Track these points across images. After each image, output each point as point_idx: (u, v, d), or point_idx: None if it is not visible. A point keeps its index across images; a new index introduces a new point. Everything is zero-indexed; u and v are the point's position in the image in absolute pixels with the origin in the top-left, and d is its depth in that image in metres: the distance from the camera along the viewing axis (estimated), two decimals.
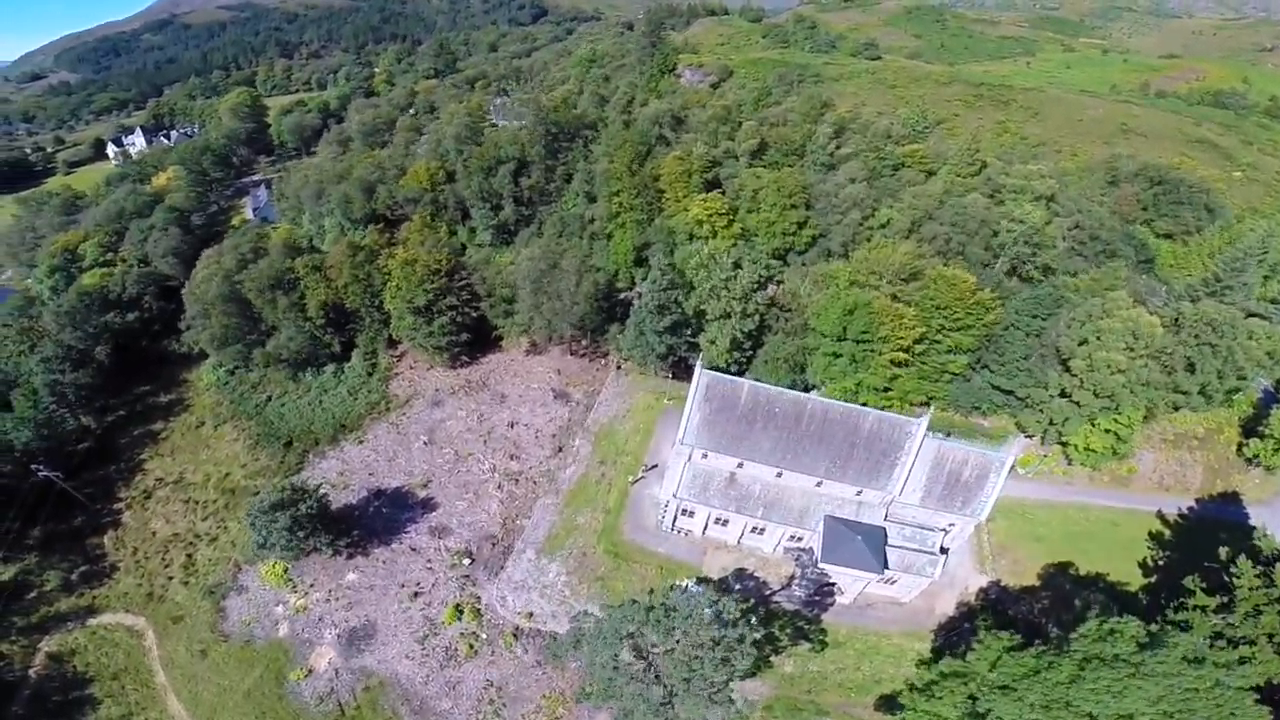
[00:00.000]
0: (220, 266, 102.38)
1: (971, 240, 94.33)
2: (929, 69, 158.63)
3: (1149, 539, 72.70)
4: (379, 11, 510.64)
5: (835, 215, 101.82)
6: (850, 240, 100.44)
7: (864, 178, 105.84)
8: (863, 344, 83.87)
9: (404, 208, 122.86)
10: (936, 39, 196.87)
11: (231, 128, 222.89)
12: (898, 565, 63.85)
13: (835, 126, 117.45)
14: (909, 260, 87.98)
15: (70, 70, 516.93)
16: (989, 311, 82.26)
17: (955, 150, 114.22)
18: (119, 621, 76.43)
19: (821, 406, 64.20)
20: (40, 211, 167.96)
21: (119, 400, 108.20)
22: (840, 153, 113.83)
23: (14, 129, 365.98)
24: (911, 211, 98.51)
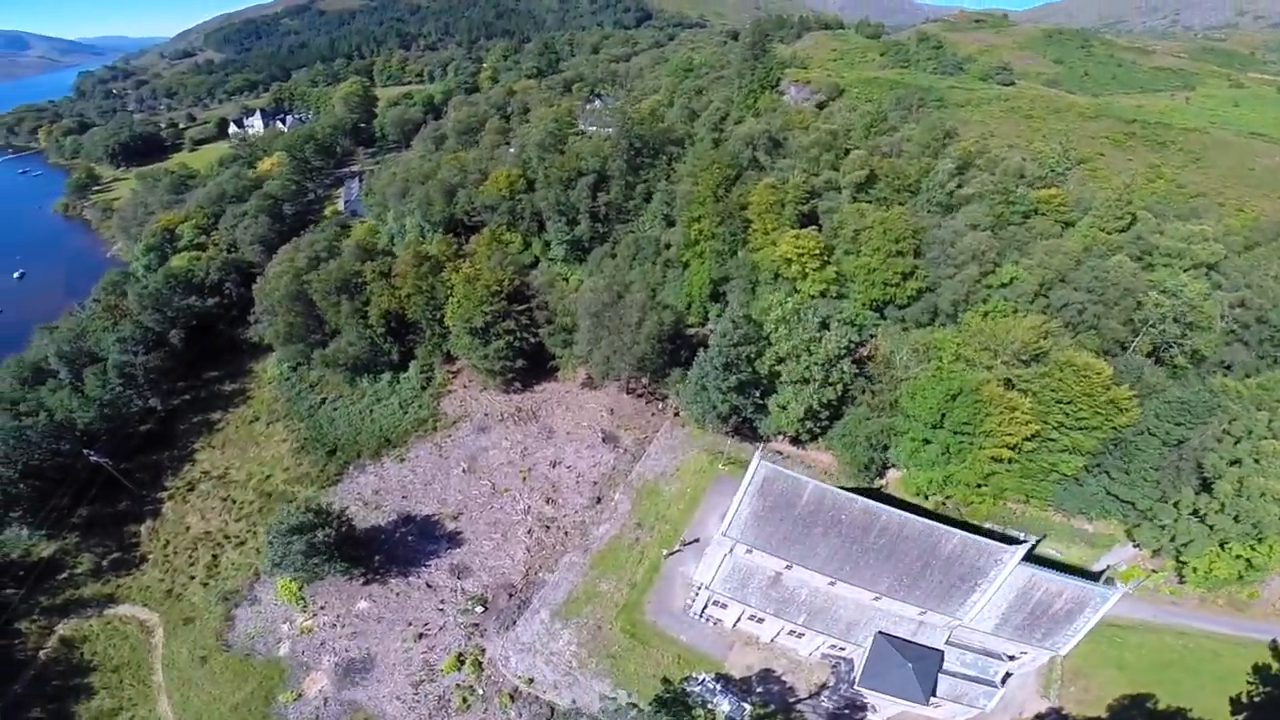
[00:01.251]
0: (292, 264, 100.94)
1: (1109, 311, 79.14)
2: (1071, 99, 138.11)
3: (1252, 673, 61.58)
4: (494, 7, 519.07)
5: (949, 268, 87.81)
6: (963, 299, 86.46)
7: (988, 225, 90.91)
8: (961, 434, 71.40)
9: (481, 215, 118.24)
10: (1079, 66, 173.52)
11: (340, 117, 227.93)
12: (947, 694, 55.43)
13: (958, 161, 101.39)
14: (1033, 338, 74.16)
15: (217, 50, 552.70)
16: (1122, 413, 67.99)
17: (1100, 198, 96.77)
18: (134, 615, 76.32)
19: (897, 520, 54.66)
20: (154, 188, 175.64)
21: (187, 384, 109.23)
22: (962, 192, 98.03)
23: (157, 103, 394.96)
24: (1041, 271, 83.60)
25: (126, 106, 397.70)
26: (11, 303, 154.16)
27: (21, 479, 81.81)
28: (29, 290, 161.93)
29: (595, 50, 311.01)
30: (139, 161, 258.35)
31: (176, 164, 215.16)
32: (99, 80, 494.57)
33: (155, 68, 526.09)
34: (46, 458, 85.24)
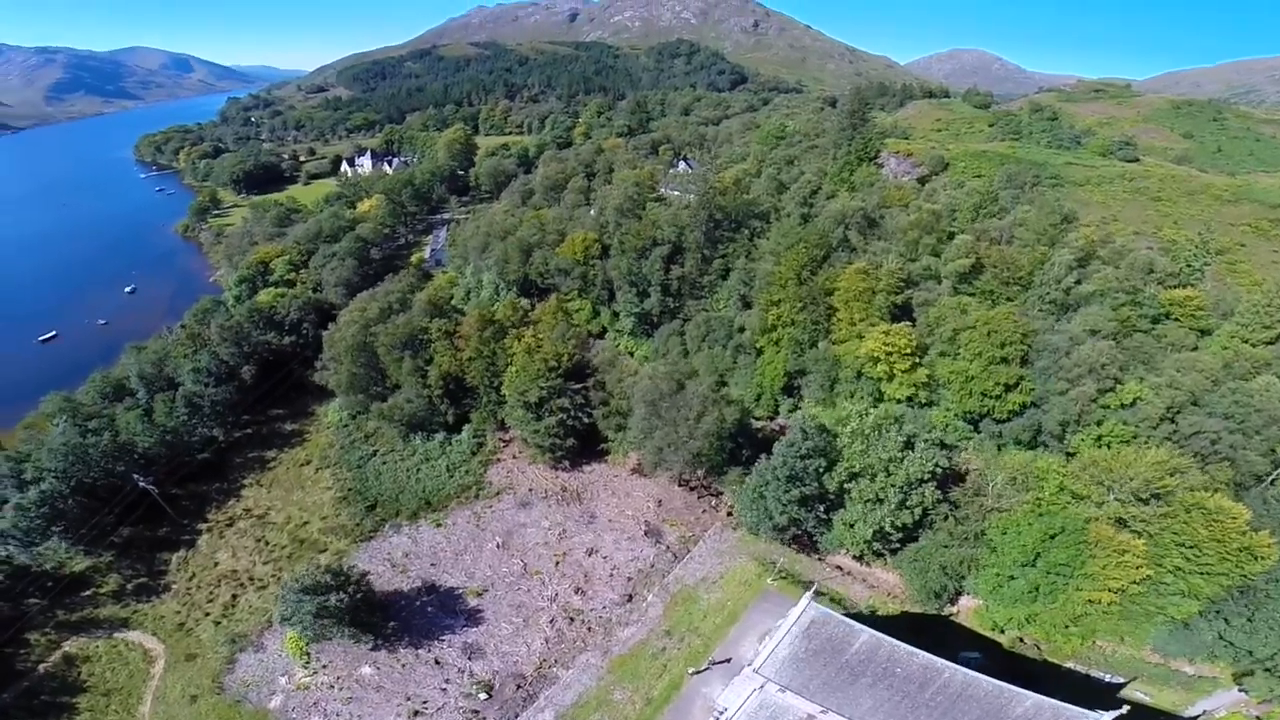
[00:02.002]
0: (362, 315, 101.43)
1: (1249, 442, 66.74)
2: (1205, 179, 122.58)
3: None
4: (594, 62, 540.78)
5: (1060, 381, 76.62)
6: (1075, 420, 75.08)
7: (1111, 331, 78.76)
8: (1056, 574, 61.57)
9: (554, 278, 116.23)
10: (1212, 141, 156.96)
11: (441, 163, 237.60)
12: None
13: (1079, 253, 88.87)
14: (1157, 475, 62.83)
15: (346, 87, 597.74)
16: (1257, 560, 57.32)
17: (1244, 303, 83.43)
18: (141, 642, 75.18)
19: (961, 679, 47.60)
20: (261, 218, 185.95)
21: (251, 418, 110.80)
22: (1081, 290, 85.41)
23: (287, 134, 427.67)
24: (1171, 392, 71.63)
25: (259, 135, 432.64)
26: (119, 316, 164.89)
27: (71, 494, 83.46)
28: (136, 305, 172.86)
29: (686, 112, 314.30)
30: (258, 190, 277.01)
31: (286, 197, 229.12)
32: (242, 107, 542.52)
33: (291, 99, 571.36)
34: (100, 477, 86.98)
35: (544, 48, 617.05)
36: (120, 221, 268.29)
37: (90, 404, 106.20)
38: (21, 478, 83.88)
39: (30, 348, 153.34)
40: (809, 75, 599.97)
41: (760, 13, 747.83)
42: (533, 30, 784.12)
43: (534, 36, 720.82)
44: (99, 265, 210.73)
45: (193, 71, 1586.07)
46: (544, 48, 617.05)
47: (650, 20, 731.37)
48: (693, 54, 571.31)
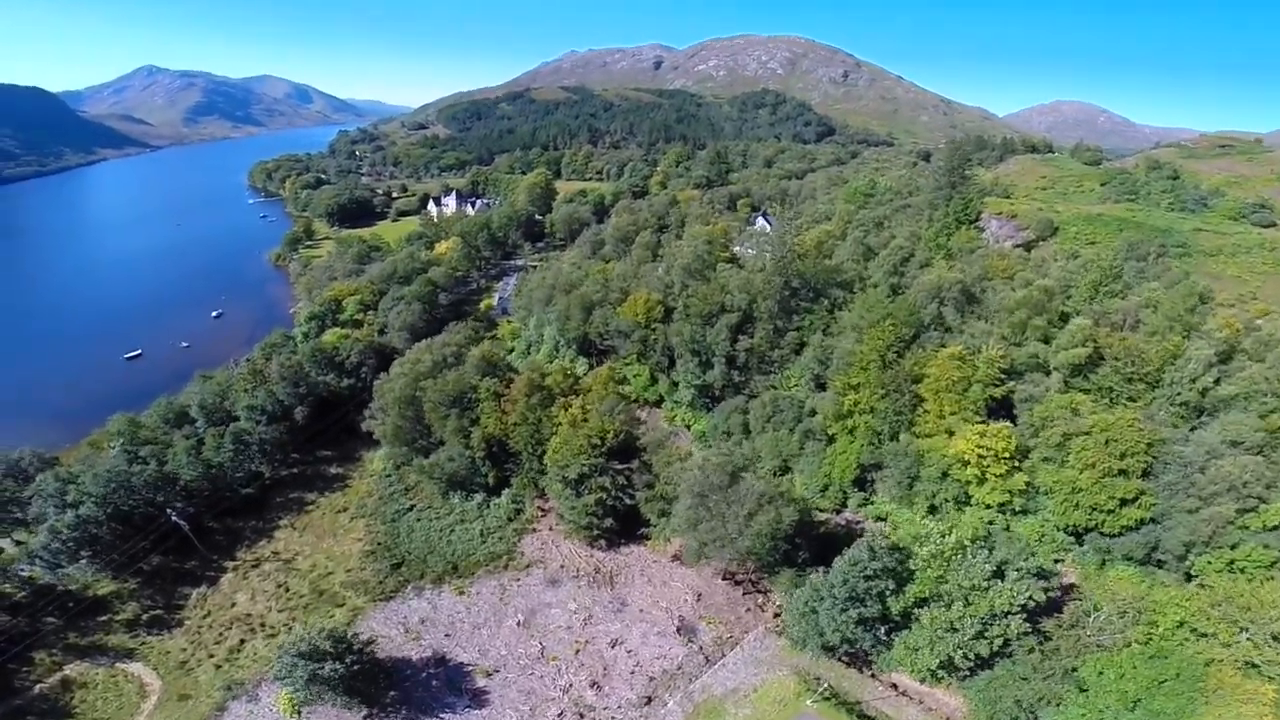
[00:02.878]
0: (414, 367, 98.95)
1: None
2: None
3: None
4: (676, 110, 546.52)
5: (1189, 498, 64.50)
6: (1204, 543, 62.91)
7: (1257, 443, 65.30)
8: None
9: (613, 340, 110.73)
10: None
11: (519, 208, 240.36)
12: None
13: (1221, 346, 74.79)
14: None
15: (445, 125, 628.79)
16: None
17: None
18: (140, 675, 74.27)
19: None
20: (344, 254, 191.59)
21: (300, 456, 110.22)
22: (1220, 391, 71.72)
23: (385, 169, 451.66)
24: None
25: (360, 168, 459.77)
26: (201, 340, 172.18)
27: (107, 521, 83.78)
28: (220, 331, 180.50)
29: (768, 164, 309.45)
30: (350, 223, 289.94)
31: (371, 233, 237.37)
32: (349, 140, 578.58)
33: (394, 135, 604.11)
34: (139, 505, 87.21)
35: (628, 94, 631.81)
36: (222, 245, 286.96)
37: (153, 427, 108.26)
38: (65, 498, 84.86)
39: (116, 364, 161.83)
40: (900, 127, 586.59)
41: (850, 63, 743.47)
42: (619, 76, 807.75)
43: (620, 82, 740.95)
44: (194, 286, 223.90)
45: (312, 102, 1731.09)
46: (628, 94, 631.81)
47: (735, 70, 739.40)
48: (778, 104, 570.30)
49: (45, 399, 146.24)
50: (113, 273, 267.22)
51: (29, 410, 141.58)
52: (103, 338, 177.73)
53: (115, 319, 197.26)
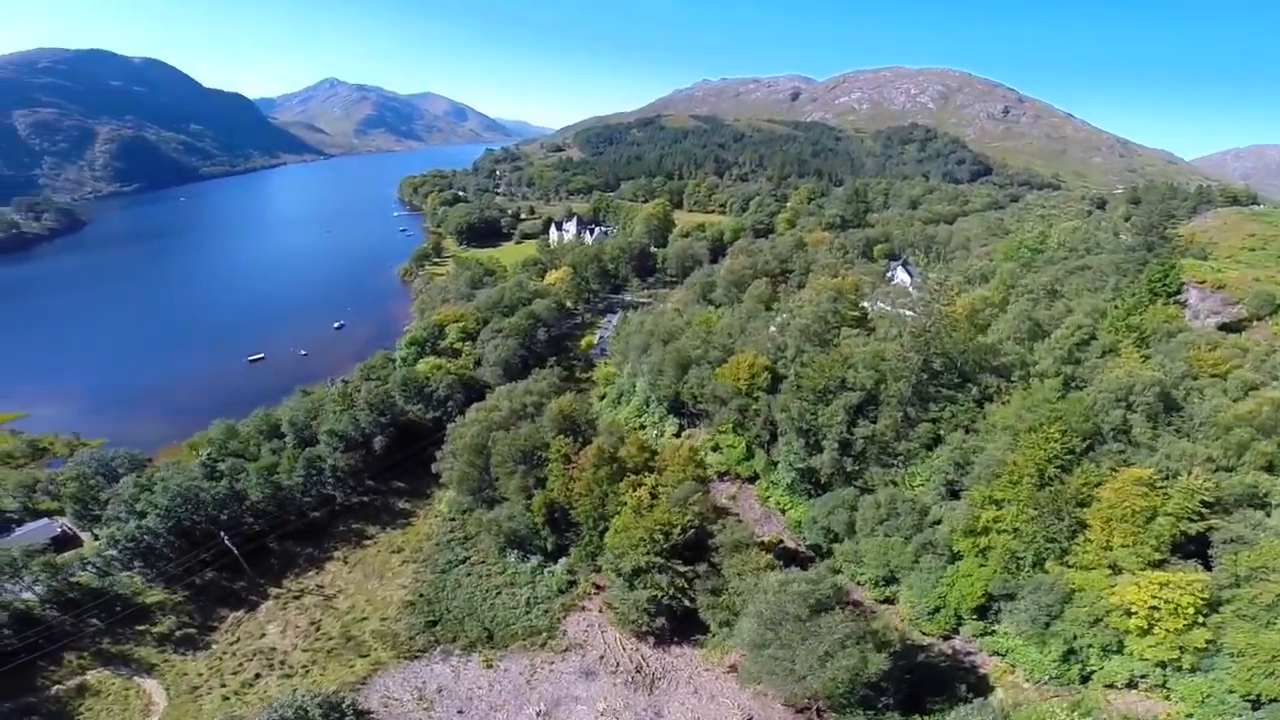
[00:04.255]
0: (488, 416, 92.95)
1: None
2: None
3: None
4: (813, 144, 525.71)
5: None
6: None
7: None
8: None
9: (706, 405, 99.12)
10: None
11: (634, 239, 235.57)
12: None
13: None
14: None
15: (580, 149, 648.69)
16: None
17: None
18: (150, 691, 73.22)
19: None
20: (459, 276, 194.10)
21: (374, 485, 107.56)
22: None
23: (519, 190, 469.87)
24: None
25: (497, 187, 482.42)
26: (319, 350, 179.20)
27: (168, 533, 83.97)
28: (337, 342, 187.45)
29: (913, 205, 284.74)
30: (478, 243, 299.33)
31: (489, 256, 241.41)
32: (493, 159, 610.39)
33: (532, 155, 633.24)
34: (201, 522, 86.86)
35: (760, 125, 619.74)
36: (360, 254, 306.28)
37: (246, 437, 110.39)
38: (135, 505, 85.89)
39: (239, 365, 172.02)
40: (1069, 169, 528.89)
41: (1011, 98, 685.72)
42: (753, 107, 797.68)
43: (753, 113, 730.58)
44: (325, 294, 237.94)
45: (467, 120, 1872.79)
46: (760, 125, 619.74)
47: (880, 103, 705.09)
48: (928, 140, 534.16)
49: (170, 393, 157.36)
50: (261, 273, 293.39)
51: (152, 403, 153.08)
52: (233, 337, 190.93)
53: (249, 319, 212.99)
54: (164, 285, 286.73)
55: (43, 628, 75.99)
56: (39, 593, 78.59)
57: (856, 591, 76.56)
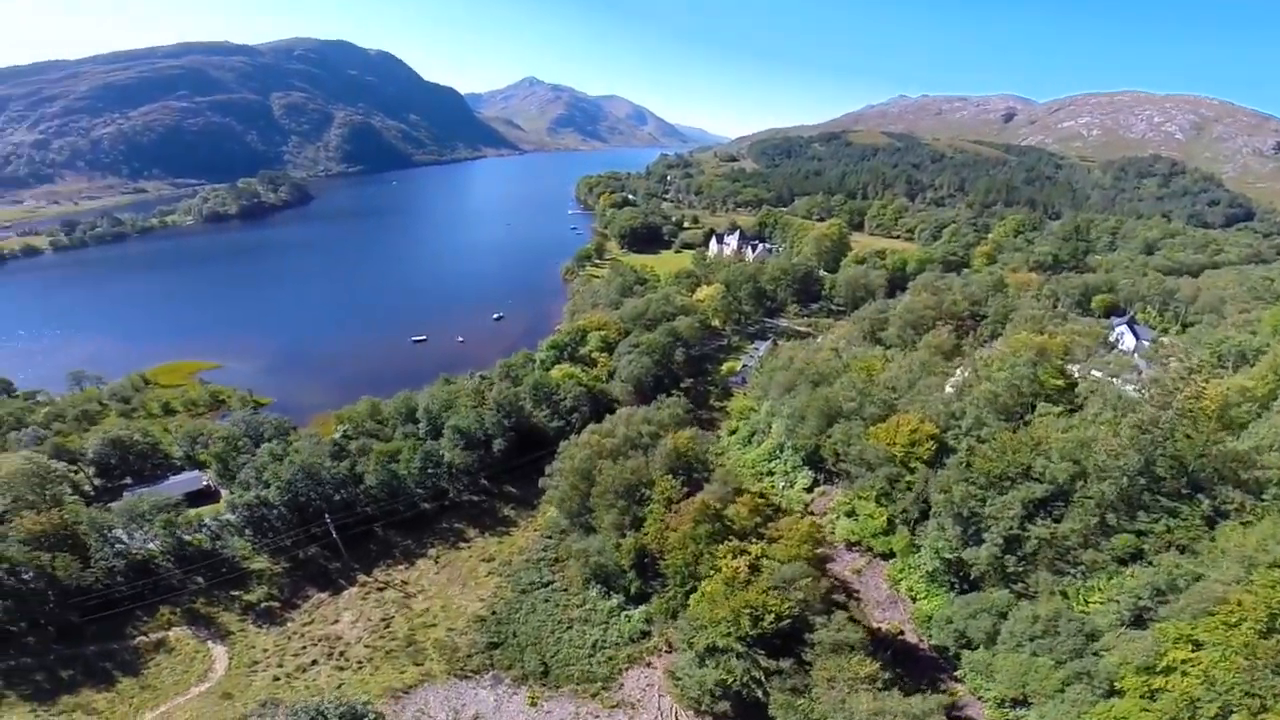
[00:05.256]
0: (599, 443, 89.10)
1: None
2: None
3: None
4: (1026, 170, 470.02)
5: None
6: None
7: None
8: None
9: (850, 465, 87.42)
10: None
11: (800, 260, 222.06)
12: None
13: None
14: None
15: (754, 160, 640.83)
16: None
17: None
18: (215, 659, 76.08)
19: None
20: (612, 281, 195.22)
21: (489, 485, 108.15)
22: None
23: (686, 197, 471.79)
24: None
25: (666, 193, 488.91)
26: (476, 338, 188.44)
27: (283, 506, 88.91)
28: (494, 333, 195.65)
29: (1148, 249, 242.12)
30: (639, 248, 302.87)
31: (643, 263, 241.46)
32: (665, 165, 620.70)
33: (704, 164, 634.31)
34: (316, 500, 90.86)
35: (964, 145, 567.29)
36: (530, 249, 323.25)
37: (387, 417, 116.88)
38: (262, 475, 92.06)
39: (404, 345, 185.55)
40: None
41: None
42: (956, 126, 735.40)
43: (957, 133, 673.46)
44: (490, 285, 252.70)
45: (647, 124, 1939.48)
46: (964, 145, 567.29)
47: (1115, 130, 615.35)
48: (1173, 175, 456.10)
49: (337, 362, 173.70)
50: (442, 258, 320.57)
51: (320, 369, 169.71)
52: (404, 317, 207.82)
53: (421, 301, 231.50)
54: (361, 260, 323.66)
55: (152, 580, 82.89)
56: (157, 546, 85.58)
57: (974, 706, 65.54)
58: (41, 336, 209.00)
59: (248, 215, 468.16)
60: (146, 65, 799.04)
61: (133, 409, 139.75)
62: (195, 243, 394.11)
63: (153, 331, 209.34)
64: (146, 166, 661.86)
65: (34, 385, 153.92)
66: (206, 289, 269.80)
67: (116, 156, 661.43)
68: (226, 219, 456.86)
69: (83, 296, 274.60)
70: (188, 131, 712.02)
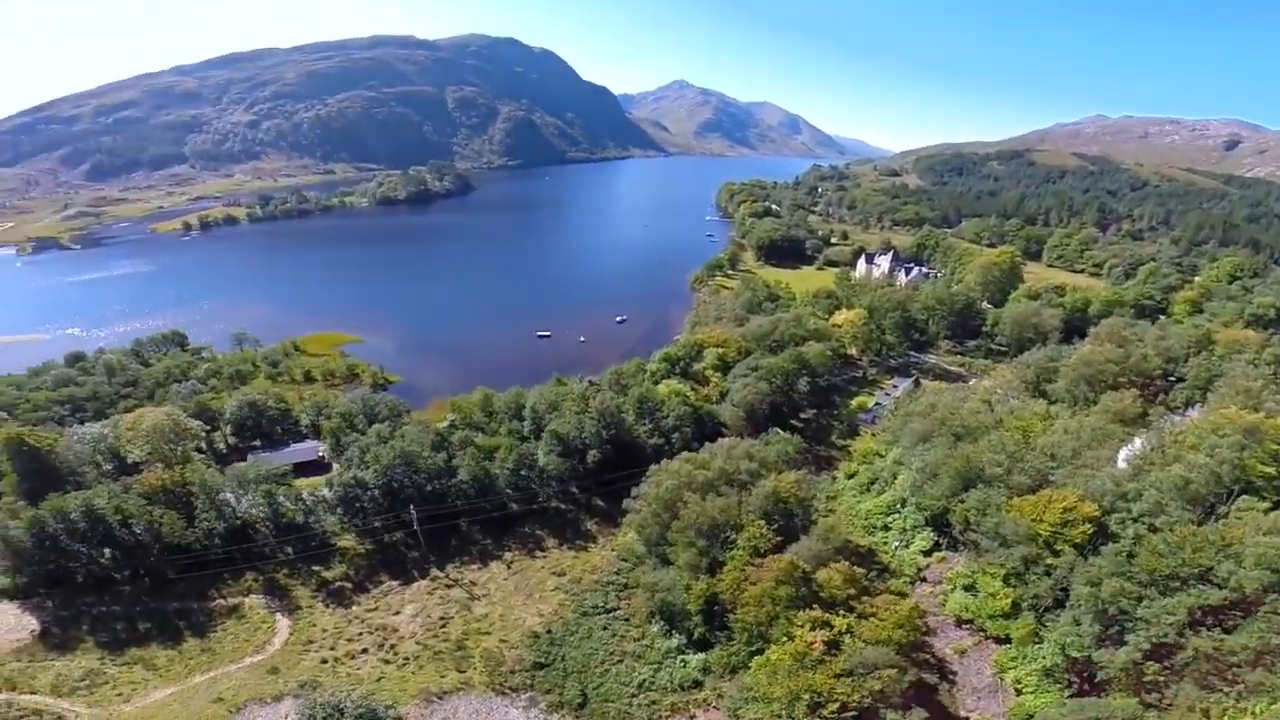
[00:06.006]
0: (689, 474, 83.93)
1: None
2: None
3: None
4: (1251, 205, 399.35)
5: None
6: None
7: None
8: None
9: (981, 536, 76.05)
10: None
11: (961, 290, 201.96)
12: None
13: None
14: None
15: (919, 176, 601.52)
16: None
17: None
18: (278, 631, 79.37)
19: None
20: (739, 295, 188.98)
21: (579, 493, 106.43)
22: None
23: (837, 212, 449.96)
24: None
25: (815, 205, 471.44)
26: (598, 339, 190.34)
27: (376, 489, 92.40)
28: (615, 335, 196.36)
29: None
30: (775, 261, 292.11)
31: (777, 278, 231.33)
32: (817, 175, 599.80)
33: (861, 177, 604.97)
34: (411, 487, 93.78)
35: (1175, 174, 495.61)
36: (663, 253, 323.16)
37: (498, 409, 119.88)
38: (364, 457, 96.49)
39: (528, 339, 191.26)
40: None
41: None
42: (1164, 152, 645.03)
43: (1164, 159, 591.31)
44: (620, 285, 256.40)
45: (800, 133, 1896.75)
46: (1175, 174, 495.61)
47: None
48: None
49: (464, 348, 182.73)
50: (579, 255, 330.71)
51: (448, 354, 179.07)
52: (532, 311, 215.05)
53: (549, 296, 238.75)
54: (505, 250, 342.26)
55: (245, 545, 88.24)
56: (258, 513, 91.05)
57: None
58: (221, 298, 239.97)
59: (414, 201, 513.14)
60: (343, 56, 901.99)
61: (279, 373, 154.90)
62: (366, 223, 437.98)
63: (312, 301, 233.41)
64: (336, 150, 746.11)
65: (204, 341, 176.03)
66: (365, 266, 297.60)
67: (313, 139, 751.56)
68: (395, 203, 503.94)
69: (262, 264, 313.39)
70: (373, 120, 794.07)
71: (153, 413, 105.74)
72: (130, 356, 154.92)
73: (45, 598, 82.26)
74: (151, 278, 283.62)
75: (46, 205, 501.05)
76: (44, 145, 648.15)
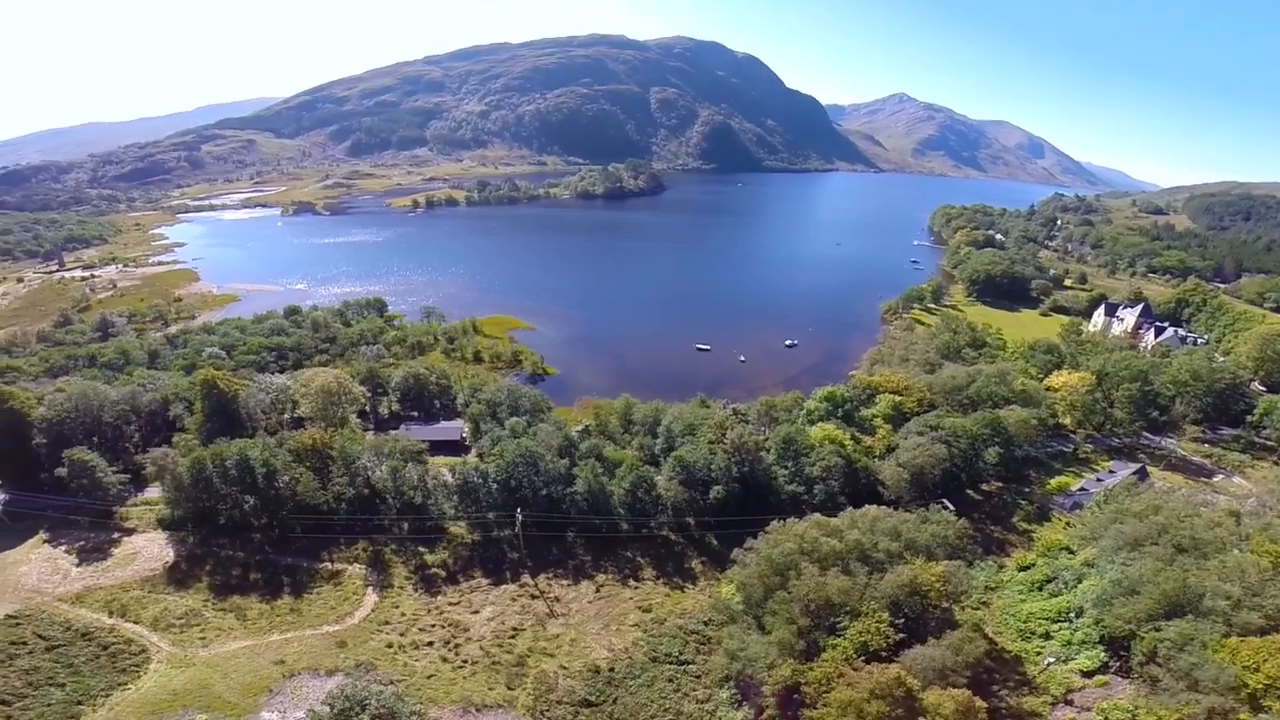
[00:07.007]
0: (815, 541, 74.39)
1: None
2: None
3: None
4: None
5: None
6: None
7: None
8: None
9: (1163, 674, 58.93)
10: None
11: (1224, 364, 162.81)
12: None
13: None
14: None
15: (1191, 217, 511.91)
16: None
17: None
18: (366, 605, 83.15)
19: None
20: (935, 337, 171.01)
21: (690, 530, 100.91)
22: None
23: (1077, 250, 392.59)
24: None
25: (1049, 240, 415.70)
26: (760, 361, 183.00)
27: (496, 483, 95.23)
28: (780, 360, 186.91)
29: None
30: (990, 299, 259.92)
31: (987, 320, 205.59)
32: (1058, 205, 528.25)
33: (1114, 212, 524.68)
34: (524, 487, 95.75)
35: None
36: (854, 276, 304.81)
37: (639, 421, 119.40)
38: (494, 447, 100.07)
39: (687, 350, 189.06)
40: None
41: None
42: None
43: None
44: (796, 305, 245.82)
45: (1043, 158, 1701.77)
46: None
47: None
48: None
49: (623, 349, 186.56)
50: (758, 268, 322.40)
51: (607, 353, 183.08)
52: (697, 320, 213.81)
53: (717, 307, 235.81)
54: (685, 254, 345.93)
55: (367, 516, 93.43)
56: (383, 485, 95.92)
57: None
58: (428, 271, 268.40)
59: (610, 196, 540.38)
60: (564, 53, 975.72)
61: (454, 349, 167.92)
62: (564, 214, 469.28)
63: (501, 283, 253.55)
64: (550, 143, 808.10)
65: (400, 310, 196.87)
66: (553, 253, 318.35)
67: (531, 131, 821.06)
68: (593, 197, 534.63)
69: (468, 244, 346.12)
70: (584, 115, 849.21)
71: (324, 373, 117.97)
72: (335, 315, 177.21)
73: (190, 533, 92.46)
74: (378, 247, 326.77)
75: (312, 174, 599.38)
76: (318, 122, 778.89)
